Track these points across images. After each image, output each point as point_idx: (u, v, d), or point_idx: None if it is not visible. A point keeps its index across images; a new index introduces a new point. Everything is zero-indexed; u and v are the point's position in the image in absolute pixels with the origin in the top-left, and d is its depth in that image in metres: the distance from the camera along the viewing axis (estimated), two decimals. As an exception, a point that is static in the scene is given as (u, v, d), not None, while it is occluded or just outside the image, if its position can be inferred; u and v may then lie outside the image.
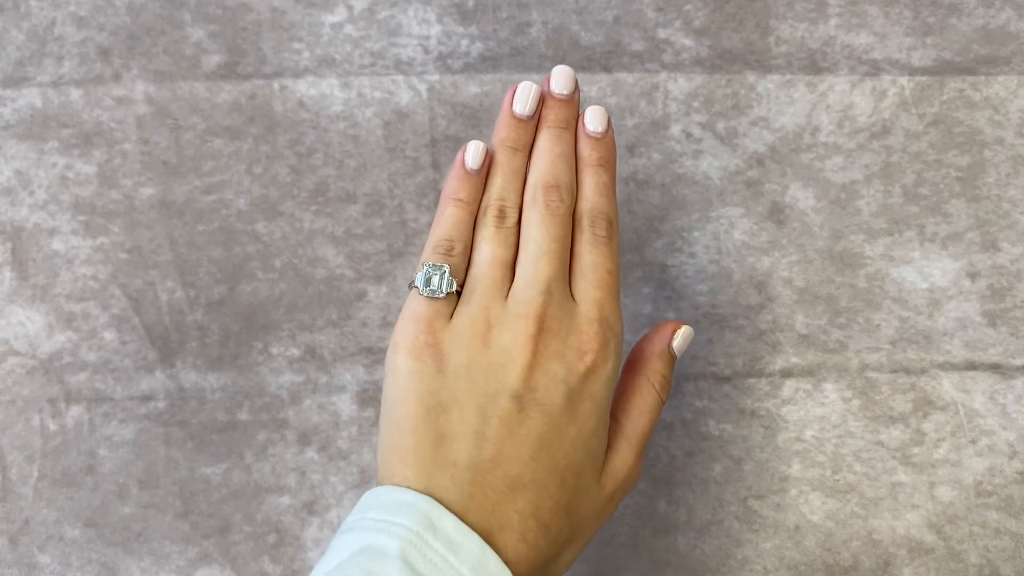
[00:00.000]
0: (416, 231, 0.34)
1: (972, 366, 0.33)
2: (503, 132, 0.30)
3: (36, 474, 0.33)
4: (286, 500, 0.33)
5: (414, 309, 0.28)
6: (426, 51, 0.35)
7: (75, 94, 0.35)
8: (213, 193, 0.34)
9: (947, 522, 0.33)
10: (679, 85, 0.35)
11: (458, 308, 0.29)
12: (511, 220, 0.30)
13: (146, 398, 0.33)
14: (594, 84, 0.35)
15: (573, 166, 0.31)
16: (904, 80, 0.35)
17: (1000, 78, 0.35)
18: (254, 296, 0.34)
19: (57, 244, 0.34)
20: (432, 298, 0.28)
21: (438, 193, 0.34)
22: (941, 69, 0.35)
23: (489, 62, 0.35)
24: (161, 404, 0.33)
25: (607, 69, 0.35)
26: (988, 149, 0.35)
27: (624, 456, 0.30)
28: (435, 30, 0.35)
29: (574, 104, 0.31)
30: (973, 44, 0.35)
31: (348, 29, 0.35)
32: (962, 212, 0.34)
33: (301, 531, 0.33)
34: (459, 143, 0.34)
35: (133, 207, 0.34)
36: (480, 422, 0.27)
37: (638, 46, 0.35)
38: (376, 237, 0.34)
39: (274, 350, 0.34)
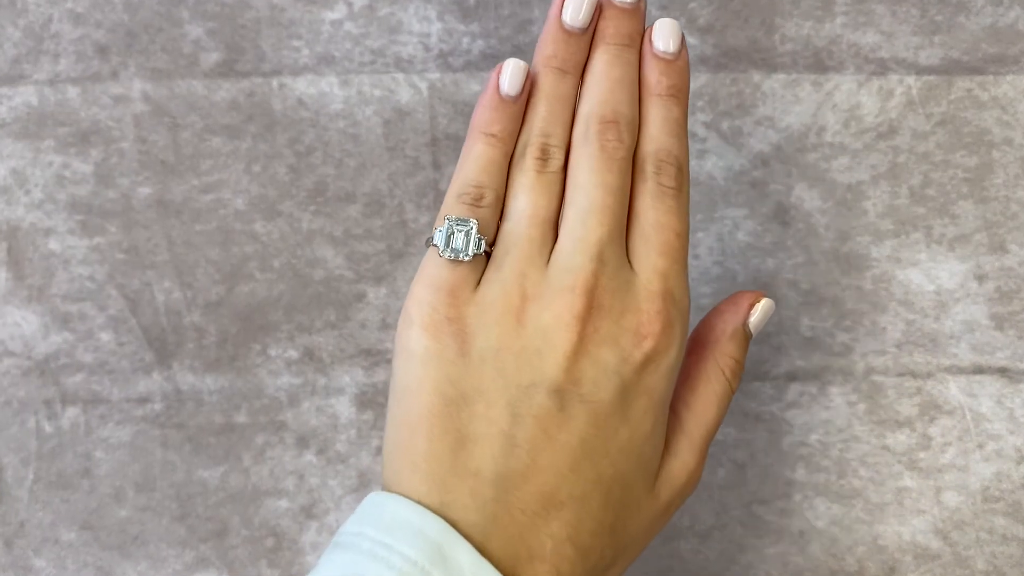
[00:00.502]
0: (416, 231, 0.34)
1: (979, 370, 0.33)
2: (548, 48, 0.25)
3: (31, 476, 0.33)
4: (284, 504, 0.33)
5: (432, 274, 0.24)
6: (427, 49, 0.34)
7: (72, 92, 0.35)
8: (211, 192, 0.34)
9: (953, 528, 0.33)
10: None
11: (487, 274, 0.24)
12: (556, 163, 0.24)
13: (143, 400, 0.33)
14: (597, 83, 0.35)
15: (636, 96, 0.25)
16: (911, 79, 0.34)
17: (1009, 78, 0.35)
18: (252, 297, 0.34)
19: (53, 244, 0.34)
20: (455, 260, 0.23)
21: (439, 193, 0.34)
22: (949, 68, 0.34)
23: (491, 60, 0.34)
24: (158, 406, 0.33)
25: (610, 67, 0.34)
26: (996, 150, 0.34)
27: (684, 459, 0.25)
28: (436, 27, 0.34)
29: (639, 16, 0.25)
30: (981, 43, 0.35)
31: (348, 26, 0.34)
32: (970, 213, 0.34)
33: (299, 535, 0.33)
34: (460, 142, 0.34)
35: (130, 206, 0.34)
36: (510, 422, 0.22)
37: (642, 44, 0.35)
38: (376, 237, 0.34)
39: (272, 352, 0.33)
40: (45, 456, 0.33)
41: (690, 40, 0.34)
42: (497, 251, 0.24)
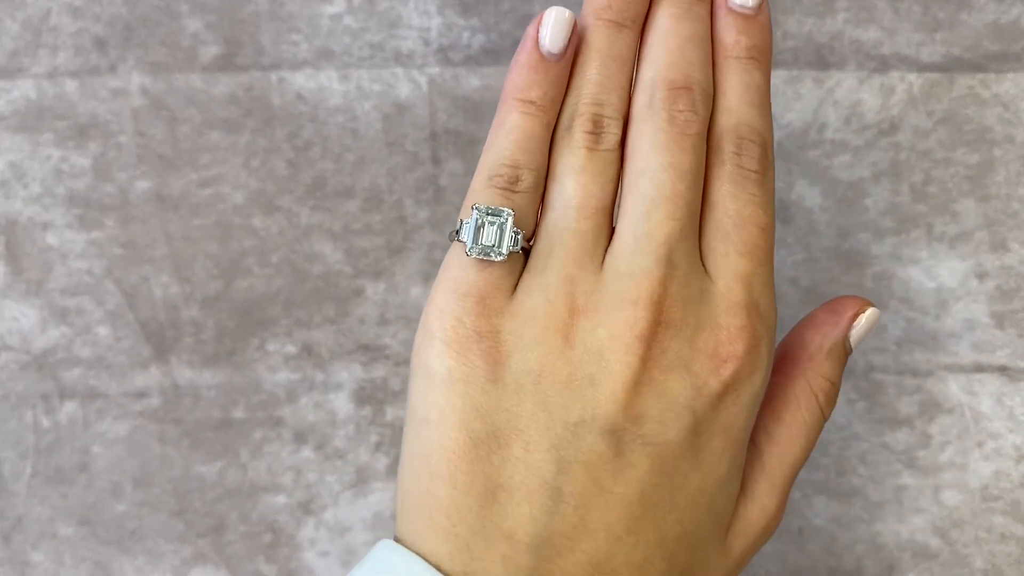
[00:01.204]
0: (415, 227, 0.34)
1: (979, 368, 0.33)
2: None
3: (29, 471, 0.33)
4: (282, 499, 0.33)
5: (457, 276, 0.20)
6: (426, 43, 0.34)
7: (70, 85, 0.34)
8: (209, 187, 0.34)
9: (952, 526, 0.33)
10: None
11: (525, 278, 0.20)
12: (611, 138, 0.20)
13: (141, 395, 0.33)
14: (597, 78, 0.34)
15: (710, 58, 0.21)
16: (913, 77, 0.34)
17: (1010, 75, 0.34)
18: (250, 292, 0.34)
19: (51, 238, 0.34)
20: (485, 260, 0.19)
21: (438, 188, 0.34)
22: (950, 65, 0.34)
23: (491, 55, 0.34)
24: (156, 401, 0.33)
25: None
26: (997, 147, 0.34)
27: (763, 502, 0.20)
28: (436, 22, 0.34)
29: None
30: (983, 40, 0.34)
31: (347, 20, 0.34)
32: (971, 211, 0.34)
33: (297, 531, 0.33)
34: (460, 137, 0.34)
35: (128, 201, 0.34)
36: (554, 470, 0.18)
37: (642, 40, 0.34)
38: (375, 233, 0.34)
39: (270, 347, 0.33)
40: (43, 450, 0.33)
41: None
42: (538, 249, 0.20)
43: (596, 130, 0.20)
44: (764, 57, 0.22)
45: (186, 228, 0.34)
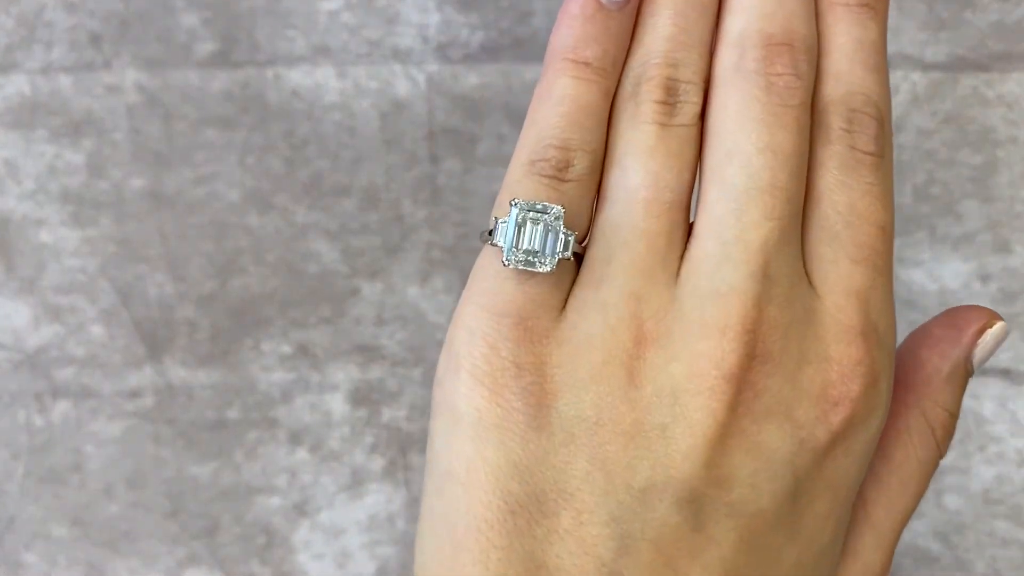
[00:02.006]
0: (413, 226, 0.34)
1: (981, 371, 0.33)
2: None
3: (22, 471, 0.33)
4: (276, 501, 0.33)
5: (491, 290, 0.16)
6: (425, 40, 0.34)
7: (65, 81, 0.34)
8: (204, 185, 0.34)
9: (954, 531, 0.32)
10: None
11: (577, 292, 0.16)
12: (689, 110, 0.16)
13: (134, 394, 0.33)
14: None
15: (812, 6, 0.17)
16: (916, 76, 0.34)
17: (1015, 75, 0.34)
18: (245, 291, 0.33)
19: (45, 235, 0.34)
20: (527, 271, 0.16)
21: (436, 188, 0.34)
22: (954, 65, 0.34)
23: (490, 52, 0.34)
24: (149, 401, 0.33)
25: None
26: (1001, 148, 0.34)
27: (867, 560, 0.16)
28: (434, 18, 0.34)
29: None
30: (988, 40, 0.34)
31: (345, 16, 0.34)
32: (974, 213, 0.34)
33: (291, 533, 0.32)
34: (458, 136, 0.34)
35: (123, 198, 0.34)
36: (614, 548, 0.14)
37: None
38: (371, 232, 0.34)
39: (265, 347, 0.33)
40: (36, 450, 0.33)
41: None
42: (594, 254, 0.16)
43: (669, 98, 0.16)
44: (881, 5, 0.17)
45: (181, 226, 0.34)
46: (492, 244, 0.16)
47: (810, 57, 0.17)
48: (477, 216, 0.34)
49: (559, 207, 0.16)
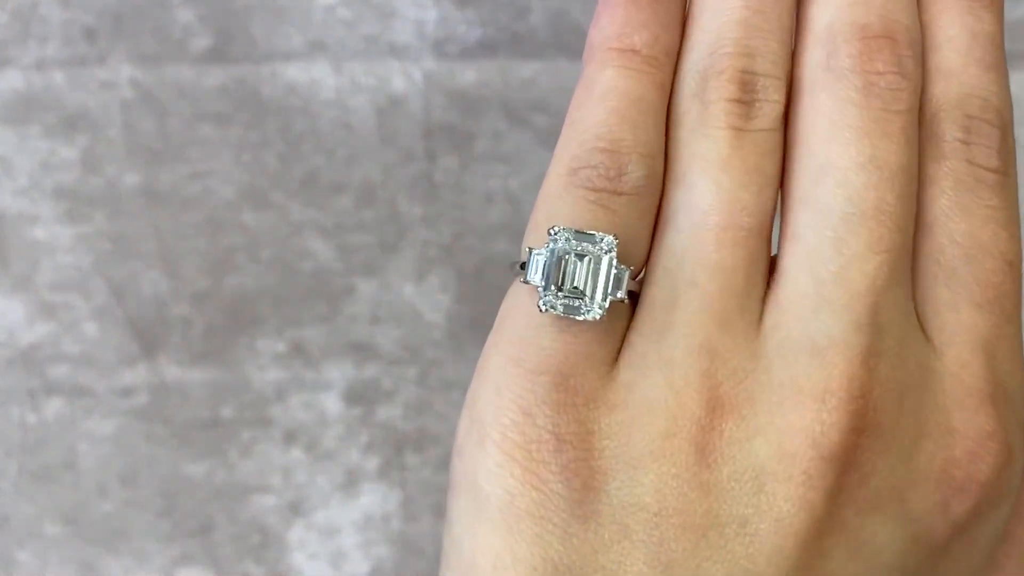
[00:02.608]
0: (409, 223, 0.34)
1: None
2: None
3: (15, 469, 0.33)
4: (271, 500, 0.32)
5: (525, 341, 0.13)
6: (422, 36, 0.34)
7: (59, 77, 0.34)
8: (199, 181, 0.34)
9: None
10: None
11: (634, 342, 0.13)
12: (770, 110, 0.13)
13: (128, 392, 0.33)
14: (596, 73, 0.34)
15: None
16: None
17: (1015, 76, 0.34)
18: (240, 289, 0.33)
19: (38, 232, 0.33)
20: (568, 318, 0.13)
21: (433, 185, 0.33)
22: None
23: (487, 48, 0.34)
24: (143, 399, 0.33)
25: (610, 58, 0.34)
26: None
27: None
28: (431, 14, 0.34)
29: None
30: (990, 37, 0.34)
31: (341, 12, 0.34)
32: (975, 212, 0.33)
33: (286, 532, 0.32)
34: (455, 133, 0.33)
35: (117, 195, 0.34)
36: None
37: (642, 34, 0.34)
38: (367, 229, 0.33)
39: (260, 345, 0.33)
40: (29, 448, 0.33)
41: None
42: (654, 295, 0.13)
43: (746, 96, 0.13)
44: None
45: (175, 223, 0.34)
46: (524, 281, 0.13)
47: (916, 52, 0.14)
48: (474, 214, 0.33)
49: (611, 237, 0.13)
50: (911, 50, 0.14)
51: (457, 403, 0.33)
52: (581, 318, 0.13)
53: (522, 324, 0.13)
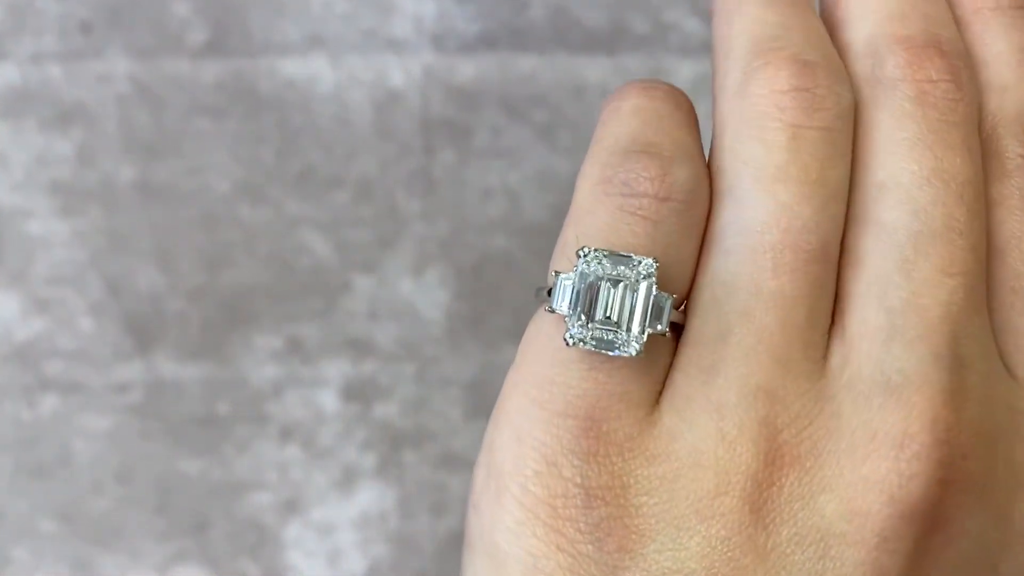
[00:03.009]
0: (407, 219, 0.33)
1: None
2: None
3: (10, 465, 0.33)
4: (267, 497, 0.32)
5: (549, 379, 0.12)
6: (420, 30, 0.34)
7: (55, 70, 0.34)
8: (195, 176, 0.34)
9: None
10: (685, 70, 0.34)
11: (676, 381, 0.12)
12: (833, 104, 0.12)
13: (123, 388, 0.33)
14: (596, 68, 0.34)
15: (950, 12, 0.13)
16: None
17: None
18: (236, 284, 0.33)
19: (33, 226, 0.33)
20: (601, 354, 0.11)
21: (431, 180, 0.33)
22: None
23: (486, 43, 0.34)
24: (138, 395, 0.33)
25: (610, 52, 0.34)
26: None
27: None
28: (430, 8, 0.34)
29: None
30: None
31: (339, 6, 0.34)
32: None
33: (282, 529, 0.32)
34: (453, 127, 0.33)
35: (112, 189, 0.34)
36: None
37: (643, 28, 0.34)
38: (364, 225, 0.33)
39: (256, 341, 0.33)
40: (24, 444, 0.33)
41: (694, 25, 0.34)
42: (700, 328, 0.12)
43: (803, 82, 0.11)
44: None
45: (171, 218, 0.33)
46: (550, 310, 0.11)
47: (967, 64, 0.12)
48: (472, 209, 0.33)
49: (650, 260, 0.11)
50: (961, 60, 0.13)
51: (455, 400, 0.33)
52: (615, 354, 0.11)
53: (547, 360, 0.12)
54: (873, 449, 0.11)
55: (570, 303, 0.11)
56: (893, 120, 0.12)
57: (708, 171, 0.12)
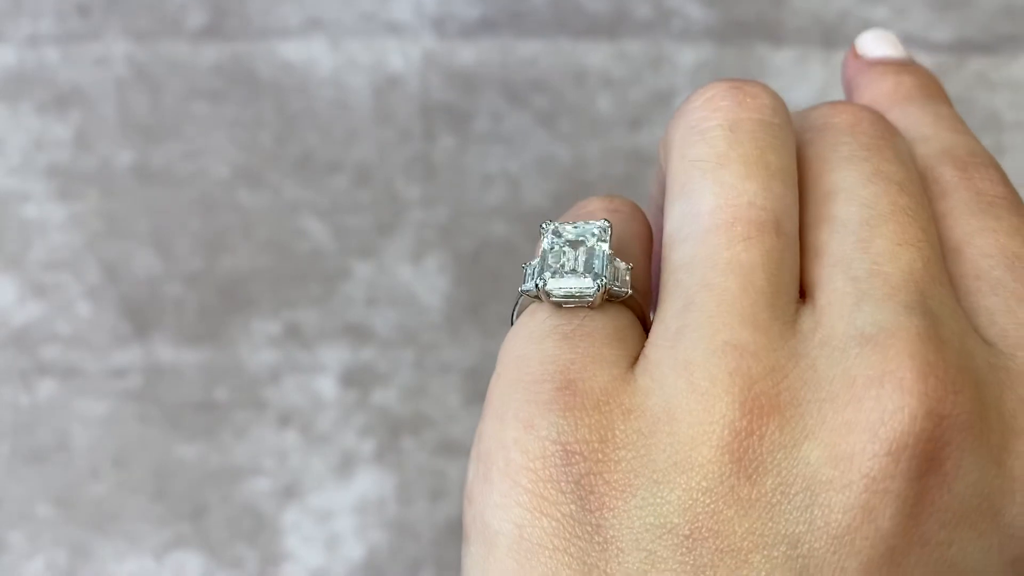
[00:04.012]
0: (406, 204, 0.33)
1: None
2: None
3: (8, 450, 0.32)
4: (265, 483, 0.32)
5: (523, 355, 0.12)
6: (420, 14, 0.33)
7: (52, 53, 0.34)
8: (193, 160, 0.33)
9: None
10: (687, 56, 0.33)
11: (646, 351, 0.12)
12: (767, 100, 0.13)
13: (120, 373, 0.33)
14: (597, 53, 0.34)
15: None
16: (922, 58, 0.33)
17: (1022, 59, 0.34)
18: (234, 269, 0.33)
19: (30, 210, 0.33)
20: (572, 325, 0.12)
21: (431, 165, 0.33)
22: (961, 47, 0.34)
23: (486, 27, 0.33)
24: (136, 380, 0.33)
25: (611, 37, 0.33)
26: (1006, 133, 0.34)
27: None
28: (430, -7, 0.33)
29: None
30: (995, 21, 0.34)
31: (338, -10, 0.33)
32: (979, 198, 0.33)
33: (279, 515, 0.32)
34: (453, 112, 0.33)
35: (110, 173, 0.33)
36: None
37: (644, 13, 0.34)
38: (363, 210, 0.33)
39: (254, 326, 0.33)
40: (21, 429, 0.32)
41: (696, 11, 0.33)
42: (666, 308, 0.12)
43: (735, 87, 0.13)
44: (942, 93, 0.16)
45: (169, 202, 0.33)
46: (521, 292, 0.12)
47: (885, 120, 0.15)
48: (472, 195, 0.33)
49: (603, 220, 0.12)
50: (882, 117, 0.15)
51: (454, 386, 0.33)
52: (578, 299, 0.12)
53: (522, 344, 0.12)
54: (854, 394, 0.11)
55: (534, 268, 0.12)
56: (828, 146, 0.13)
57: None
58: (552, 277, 0.12)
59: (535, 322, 0.12)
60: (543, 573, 0.10)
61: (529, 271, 0.12)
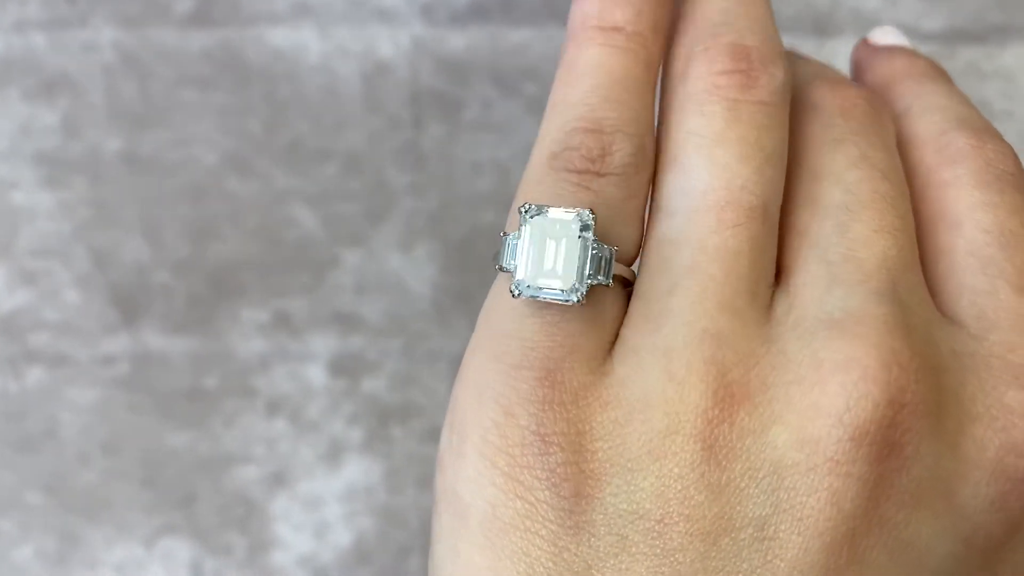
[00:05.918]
0: (395, 192, 0.33)
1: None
2: None
3: (-5, 436, 0.32)
4: (254, 470, 0.32)
5: (503, 332, 0.12)
6: (410, 1, 0.33)
7: (39, 39, 0.33)
8: (182, 147, 0.33)
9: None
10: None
11: (624, 335, 0.12)
12: (768, 82, 0.13)
13: (109, 361, 0.32)
14: (587, 42, 0.34)
15: None
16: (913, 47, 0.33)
17: (1012, 48, 0.34)
18: (223, 257, 0.33)
19: (18, 197, 0.33)
20: (553, 307, 0.12)
21: (421, 153, 0.33)
22: (952, 37, 0.33)
23: (477, 14, 0.33)
24: (125, 368, 0.32)
25: (601, 26, 0.33)
26: (996, 122, 0.33)
27: None
28: (420, -20, 0.33)
29: None
30: (986, 11, 0.34)
31: (328, -24, 0.33)
32: (967, 187, 0.33)
33: (269, 503, 0.32)
34: (443, 99, 0.33)
35: (98, 160, 0.33)
36: None
37: (634, 3, 0.33)
38: (353, 198, 0.33)
39: (243, 314, 0.33)
40: (10, 416, 0.32)
41: None
42: (648, 284, 0.12)
43: (741, 64, 0.12)
44: (950, 79, 0.16)
45: (157, 189, 0.33)
46: (500, 269, 0.12)
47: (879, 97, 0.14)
48: (462, 183, 0.33)
49: (587, 211, 0.11)
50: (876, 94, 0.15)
51: (443, 375, 0.33)
52: (559, 301, 0.11)
53: (503, 317, 0.12)
54: (820, 377, 0.11)
55: (516, 259, 0.12)
56: (821, 127, 0.13)
57: (654, 137, 0.13)
58: (531, 275, 0.12)
59: (512, 299, 0.12)
60: (514, 551, 0.11)
61: (510, 257, 0.12)
